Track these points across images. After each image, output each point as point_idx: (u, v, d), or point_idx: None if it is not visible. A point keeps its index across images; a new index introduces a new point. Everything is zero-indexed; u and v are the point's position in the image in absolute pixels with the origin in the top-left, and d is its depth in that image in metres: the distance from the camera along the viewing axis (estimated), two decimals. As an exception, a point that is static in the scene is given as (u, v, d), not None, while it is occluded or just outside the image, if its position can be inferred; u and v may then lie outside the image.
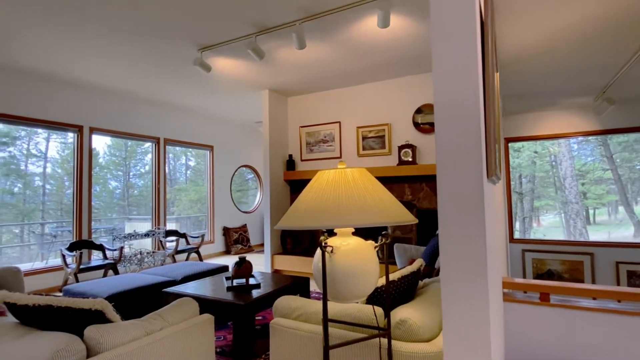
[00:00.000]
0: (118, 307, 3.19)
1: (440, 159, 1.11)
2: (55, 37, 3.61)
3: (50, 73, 4.60)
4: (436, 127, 1.12)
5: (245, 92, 5.69)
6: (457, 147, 1.07)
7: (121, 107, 5.82)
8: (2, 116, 4.46)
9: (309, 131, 5.89)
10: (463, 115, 1.04)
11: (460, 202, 1.06)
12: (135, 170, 10.61)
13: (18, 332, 1.51)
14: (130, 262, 5.49)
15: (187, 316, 1.84)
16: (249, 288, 3.16)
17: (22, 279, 2.94)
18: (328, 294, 1.36)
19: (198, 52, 4.05)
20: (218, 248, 7.55)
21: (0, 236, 10.04)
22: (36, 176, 10.95)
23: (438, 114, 1.11)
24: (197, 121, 7.18)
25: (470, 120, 1.02)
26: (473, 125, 1.02)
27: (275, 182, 5.71)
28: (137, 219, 9.30)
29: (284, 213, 5.89)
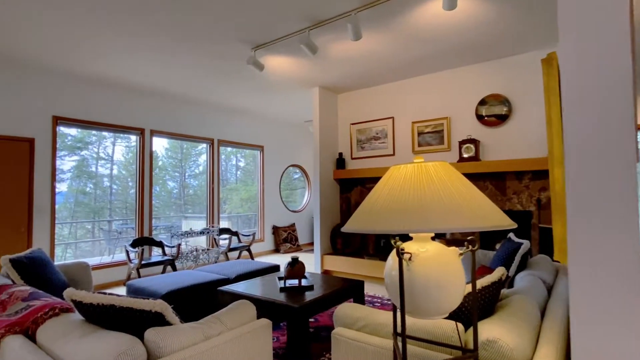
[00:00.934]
0: (175, 304, 3.24)
1: (574, 145, 0.89)
2: (118, 45, 3.77)
3: (115, 79, 4.86)
4: (567, 110, 0.90)
5: (296, 90, 5.63)
6: (601, 131, 0.84)
7: (179, 110, 6.03)
8: (76, 121, 4.79)
9: (360, 128, 5.69)
10: (610, 93, 0.81)
11: (604, 194, 0.83)
12: (190, 171, 11.15)
13: (83, 330, 1.50)
14: (187, 259, 5.67)
15: (245, 320, 1.75)
16: (302, 289, 3.05)
17: (90, 274, 3.09)
18: (406, 308, 1.17)
19: (252, 51, 4.03)
20: (268, 246, 7.61)
21: (76, 231, 11.03)
22: (105, 177, 11.88)
23: (569, 93, 0.89)
24: (248, 122, 7.28)
25: (620, 99, 0.79)
26: (624, 105, 0.79)
27: (324, 181, 5.60)
28: (192, 217, 9.71)
29: (334, 212, 5.78)
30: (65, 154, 12.88)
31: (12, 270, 2.33)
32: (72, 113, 4.75)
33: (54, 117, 4.57)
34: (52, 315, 1.65)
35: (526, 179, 4.26)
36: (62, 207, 12.01)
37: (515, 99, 4.33)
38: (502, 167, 4.22)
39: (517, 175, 4.32)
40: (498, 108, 4.43)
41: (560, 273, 2.72)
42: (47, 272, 2.55)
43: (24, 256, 2.46)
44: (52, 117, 4.56)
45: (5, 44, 3.72)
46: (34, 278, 2.42)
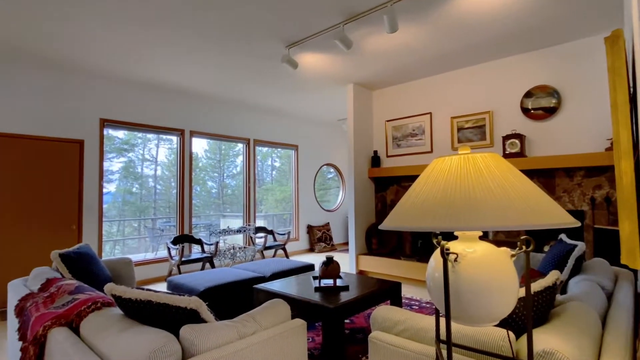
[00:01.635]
0: (212, 301, 3.29)
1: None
2: (159, 50, 3.90)
3: (156, 82, 5.05)
4: None
5: (330, 88, 5.58)
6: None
7: (216, 111, 6.18)
8: (121, 123, 5.03)
9: (396, 125, 5.53)
10: None
11: None
12: (228, 171, 11.46)
13: (122, 324, 1.53)
14: (225, 256, 5.79)
15: (279, 320, 1.71)
16: (337, 290, 2.99)
17: (133, 269, 3.21)
18: (452, 314, 1.07)
19: (286, 49, 4.03)
20: (302, 246, 7.62)
21: (124, 229, 11.68)
22: (149, 178, 12.46)
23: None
24: (283, 121, 7.33)
25: None
26: None
27: (359, 180, 5.49)
28: (230, 215, 9.95)
29: (369, 212, 5.66)
30: (113, 155, 13.67)
31: (61, 264, 2.45)
32: (117, 115, 5.00)
33: (101, 119, 4.83)
34: (94, 309, 1.70)
35: (578, 176, 3.92)
36: (111, 206, 12.77)
37: (566, 90, 4.00)
38: (550, 164, 3.91)
39: (568, 172, 3.99)
40: (546, 100, 4.12)
41: (620, 279, 2.46)
42: (92, 267, 2.67)
43: (72, 251, 2.58)
44: (100, 120, 4.82)
45: (59, 53, 3.97)
46: (80, 272, 2.54)
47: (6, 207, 4.05)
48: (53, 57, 4.12)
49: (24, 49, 3.88)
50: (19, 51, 3.94)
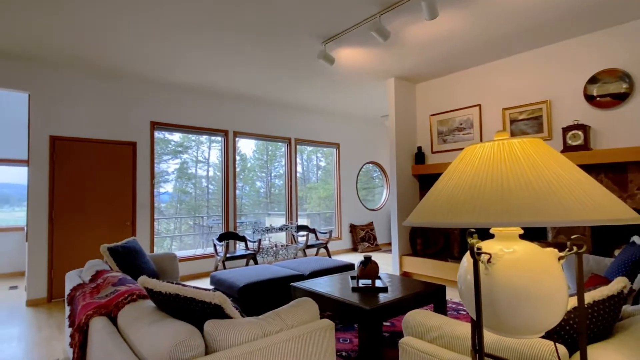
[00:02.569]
0: (251, 297, 3.34)
1: None
2: (202, 54, 4.04)
3: (201, 85, 5.26)
4: None
5: (370, 83, 5.44)
6: None
7: (258, 111, 6.31)
8: (169, 125, 5.31)
9: (442, 119, 5.25)
10: None
11: None
12: (275, 171, 11.72)
13: (153, 317, 1.57)
14: (268, 254, 5.88)
15: (306, 319, 1.66)
16: (375, 290, 2.88)
17: (177, 264, 3.35)
18: (485, 323, 0.95)
19: (322, 45, 3.98)
20: (345, 245, 7.53)
21: (180, 226, 12.38)
22: (203, 178, 13.13)
23: None
24: (324, 119, 7.30)
25: None
26: None
27: (402, 178, 5.29)
28: (275, 214, 10.16)
29: (413, 210, 5.40)
30: (169, 157, 14.60)
31: (110, 257, 2.61)
32: (166, 118, 5.28)
33: (152, 122, 5.13)
34: (130, 301, 1.77)
35: (658, 170, 3.43)
36: (169, 205, 13.64)
37: (639, 73, 3.52)
38: (622, 157, 3.46)
39: (645, 166, 3.50)
40: (615, 86, 3.65)
41: None
42: (138, 261, 2.81)
43: (120, 245, 2.74)
44: (150, 123, 5.12)
45: (113, 61, 4.27)
46: (127, 265, 2.68)
47: (70, 204, 4.44)
48: (108, 66, 4.44)
49: (82, 58, 4.22)
50: (78, 61, 4.30)
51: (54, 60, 4.26)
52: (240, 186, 15.79)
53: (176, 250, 9.97)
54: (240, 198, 15.63)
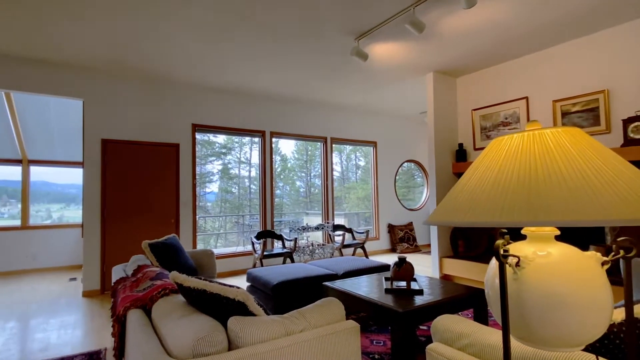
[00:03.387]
0: (285, 295, 3.36)
1: None
2: (239, 57, 4.15)
3: (238, 87, 5.40)
4: None
5: (407, 79, 5.27)
6: None
7: (294, 111, 6.37)
8: (209, 127, 5.51)
9: (485, 113, 4.97)
10: None
11: None
12: (315, 171, 11.81)
13: (183, 311, 1.61)
14: (304, 252, 5.91)
15: (331, 319, 1.63)
16: (410, 293, 2.78)
17: (214, 260, 3.45)
18: (514, 332, 0.86)
19: (355, 42, 3.92)
20: (383, 245, 7.39)
21: (225, 225, 12.84)
22: (245, 178, 13.51)
23: None
24: (359, 118, 7.21)
25: None
26: None
27: (442, 176, 5.08)
28: (313, 213, 10.22)
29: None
30: (213, 159, 15.20)
31: (150, 253, 2.75)
32: (206, 120, 5.48)
33: (193, 124, 5.36)
34: (164, 295, 1.84)
35: None
36: (215, 204, 14.25)
37: None
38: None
39: None
40: (689, 70, 3.23)
41: None
42: (177, 257, 2.93)
43: (160, 242, 2.88)
44: (192, 125, 5.34)
45: (157, 67, 4.52)
46: (166, 261, 2.81)
47: (120, 203, 4.76)
48: (152, 72, 4.70)
49: (129, 66, 4.50)
50: (126, 69, 4.59)
51: (105, 69, 4.58)
52: (281, 186, 16.08)
53: (221, 247, 10.37)
54: (280, 197, 15.91)
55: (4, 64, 4.20)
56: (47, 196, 7.12)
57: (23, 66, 4.28)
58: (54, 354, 2.78)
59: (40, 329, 3.33)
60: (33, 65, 4.33)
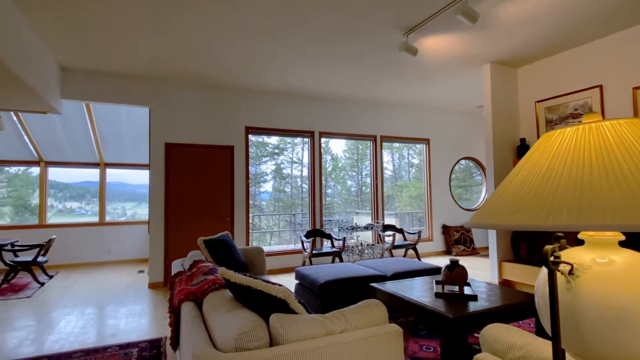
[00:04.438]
0: (331, 294, 3.36)
1: None
2: (289, 60, 4.24)
3: (288, 89, 5.52)
4: None
5: (461, 72, 5.00)
6: None
7: (342, 111, 6.36)
8: (260, 129, 5.71)
9: (550, 105, 4.55)
10: None
11: None
12: (366, 170, 11.72)
13: (229, 306, 1.68)
14: (353, 252, 5.88)
15: (373, 322, 1.60)
16: (463, 298, 2.63)
17: (264, 257, 3.57)
18: (568, 348, 0.78)
19: (404, 37, 3.81)
20: (437, 247, 7.09)
21: (279, 223, 13.25)
22: (298, 178, 13.78)
23: None
24: (411, 115, 6.99)
25: None
26: None
27: (501, 174, 4.75)
28: (363, 213, 10.13)
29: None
30: (267, 159, 15.70)
31: (204, 249, 2.91)
32: (258, 122, 5.68)
33: (246, 127, 5.58)
34: (213, 289, 1.94)
35: None
36: (269, 203, 14.75)
37: None
38: None
39: None
40: None
41: None
42: (229, 253, 3.08)
43: (214, 239, 3.03)
44: (245, 127, 5.57)
45: (213, 74, 4.78)
46: (219, 257, 2.96)
47: (181, 202, 5.11)
48: (209, 79, 4.98)
49: (189, 75, 4.82)
50: (186, 77, 4.91)
51: (168, 78, 4.95)
52: (332, 185, 16.14)
53: (275, 244, 10.71)
54: (332, 197, 15.97)
55: (85, 79, 4.72)
56: (123, 195, 7.91)
57: (100, 79, 4.78)
58: (122, 339, 3.06)
59: (112, 315, 3.70)
60: (108, 78, 4.82)
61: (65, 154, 6.44)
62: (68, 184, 7.83)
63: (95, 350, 2.82)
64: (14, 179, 7.95)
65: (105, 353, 2.77)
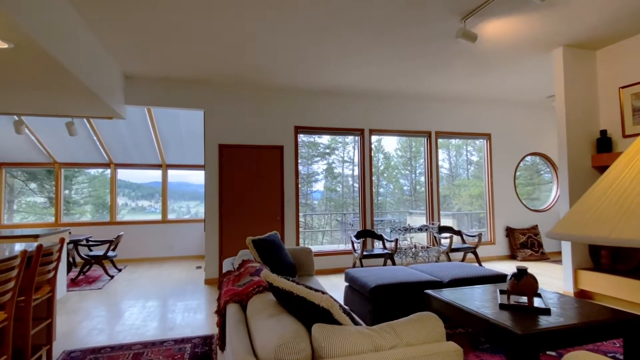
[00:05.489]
0: (381, 299, 3.19)
1: None
2: (336, 57, 4.13)
3: (337, 88, 5.41)
4: None
5: (527, 58, 4.52)
6: None
7: (394, 107, 6.10)
8: (309, 128, 5.67)
9: (639, 91, 3.93)
10: None
11: None
12: (420, 168, 11.28)
13: (272, 310, 1.61)
14: (406, 255, 5.61)
15: (427, 338, 1.42)
16: (532, 311, 2.33)
17: (312, 258, 3.50)
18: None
19: (461, 22, 3.51)
20: (500, 251, 6.54)
21: (331, 222, 13.24)
22: (349, 177, 13.64)
23: None
24: (469, 108, 6.51)
25: None
26: None
27: (576, 171, 4.21)
28: (417, 213, 9.70)
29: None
30: (318, 159, 15.72)
31: (253, 249, 2.90)
32: (307, 122, 5.65)
33: (295, 127, 5.58)
34: (257, 292, 1.89)
35: None
36: (320, 202, 14.80)
37: None
38: None
39: None
40: None
41: None
42: (277, 253, 3.04)
43: (262, 238, 3.02)
44: (294, 127, 5.57)
45: (262, 75, 4.83)
46: (267, 257, 2.93)
47: (234, 201, 5.24)
48: (258, 80, 5.05)
49: (240, 78, 4.91)
50: (237, 80, 5.02)
51: (221, 82, 5.11)
52: (384, 184, 15.73)
53: (327, 244, 10.69)
54: (384, 196, 15.58)
55: (146, 86, 5.03)
56: (187, 194, 8.45)
57: (159, 85, 5.07)
58: (178, 333, 3.17)
59: (170, 309, 3.87)
60: (166, 83, 5.08)
61: (131, 156, 6.95)
62: (140, 184, 8.63)
63: (153, 344, 2.94)
64: (94, 180, 8.88)
65: (162, 347, 2.88)
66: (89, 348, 2.86)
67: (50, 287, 2.51)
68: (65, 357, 2.69)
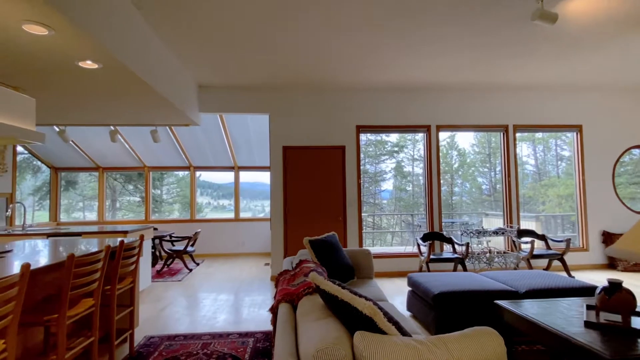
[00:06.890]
0: (446, 308, 2.99)
1: None
2: (400, 49, 3.99)
3: (400, 83, 5.22)
4: None
5: (622, 38, 3.86)
6: None
7: (464, 100, 5.69)
8: (372, 127, 5.56)
9: None
10: None
11: None
12: (500, 165, 10.49)
13: (319, 313, 1.60)
14: (479, 260, 5.20)
15: (482, 356, 1.28)
16: (628, 332, 1.98)
17: (371, 260, 3.41)
18: None
19: (537, 2, 3.12)
20: (594, 259, 5.70)
21: (401, 223, 12.92)
22: (420, 176, 13.11)
23: None
24: (553, 97, 5.79)
25: None
26: None
27: (697, 166, 3.46)
28: (494, 215, 8.93)
29: None
30: (386, 158, 15.34)
31: (310, 249, 2.93)
32: (369, 120, 5.55)
33: (357, 126, 5.51)
34: (307, 293, 1.89)
35: None
36: (389, 202, 14.46)
37: None
38: None
39: None
40: None
41: None
42: (334, 254, 3.03)
43: (319, 239, 3.03)
44: (356, 127, 5.51)
45: (323, 76, 4.87)
46: (324, 257, 2.94)
47: (297, 201, 5.37)
48: (319, 82, 5.10)
49: (302, 80, 5.02)
50: (300, 83, 5.14)
51: (284, 86, 5.28)
52: (460, 183, 14.76)
53: (397, 245, 10.40)
54: (459, 196, 14.63)
55: (217, 94, 5.40)
56: (261, 194, 9.02)
57: (228, 93, 5.41)
58: (243, 327, 3.34)
59: (237, 304, 4.10)
60: (234, 90, 5.41)
61: (208, 159, 7.54)
62: (220, 184, 9.52)
63: (220, 335, 3.14)
64: (181, 181, 9.93)
65: (228, 339, 3.06)
66: (165, 335, 3.16)
67: (132, 279, 2.83)
68: (145, 342, 3.01)
